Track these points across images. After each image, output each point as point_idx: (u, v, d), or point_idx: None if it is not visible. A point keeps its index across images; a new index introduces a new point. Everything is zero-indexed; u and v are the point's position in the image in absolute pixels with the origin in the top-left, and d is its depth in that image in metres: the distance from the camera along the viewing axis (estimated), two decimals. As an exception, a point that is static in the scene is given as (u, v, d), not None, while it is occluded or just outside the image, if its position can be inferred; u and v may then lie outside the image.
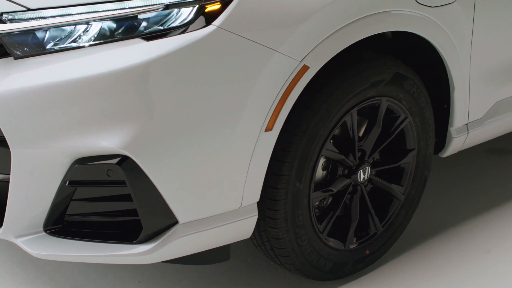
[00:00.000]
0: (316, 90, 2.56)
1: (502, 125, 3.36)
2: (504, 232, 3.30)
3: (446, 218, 3.45)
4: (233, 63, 2.30)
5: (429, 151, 3.05)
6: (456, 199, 3.65)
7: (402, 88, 2.82)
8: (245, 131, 2.38)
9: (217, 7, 2.29)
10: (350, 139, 2.76)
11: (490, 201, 3.60)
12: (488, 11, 2.98)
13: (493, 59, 3.12)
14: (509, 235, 3.28)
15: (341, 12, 2.49)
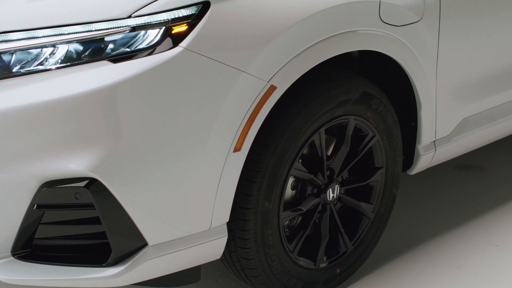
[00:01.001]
0: (284, 110, 2.57)
1: (469, 142, 3.39)
2: (472, 247, 3.32)
3: (415, 234, 3.46)
4: (200, 84, 2.31)
5: (397, 168, 3.07)
6: (425, 215, 3.67)
7: (369, 106, 2.84)
8: (214, 151, 2.38)
9: (184, 28, 2.29)
10: (318, 158, 2.77)
11: (458, 217, 3.62)
12: (453, 29, 3.01)
13: (459, 76, 3.15)
14: (476, 249, 3.31)
15: (307, 32, 2.50)
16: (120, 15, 2.28)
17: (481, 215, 3.64)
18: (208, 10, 2.32)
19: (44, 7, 2.35)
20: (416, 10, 2.83)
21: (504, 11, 3.25)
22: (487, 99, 3.37)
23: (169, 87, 2.27)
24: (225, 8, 2.36)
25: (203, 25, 2.30)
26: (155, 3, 2.29)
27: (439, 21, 2.93)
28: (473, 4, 3.08)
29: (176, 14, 2.29)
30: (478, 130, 3.39)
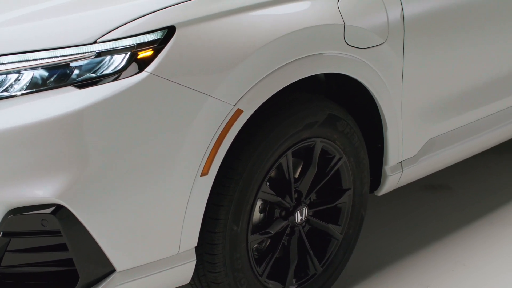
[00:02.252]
0: (251, 133, 2.58)
1: (436, 162, 3.41)
2: (440, 266, 3.34)
3: (384, 255, 3.48)
4: (166, 108, 2.31)
5: (364, 190, 3.08)
6: (393, 235, 3.68)
7: (335, 129, 2.85)
8: (181, 176, 2.38)
9: (150, 53, 2.30)
10: (286, 180, 2.78)
11: (426, 236, 3.64)
12: (417, 50, 3.05)
13: (424, 97, 3.18)
14: (445, 267, 3.32)
15: (273, 56, 2.52)
16: (86, 41, 2.28)
17: (448, 235, 3.66)
18: (173, 35, 2.33)
19: (9, 33, 2.35)
20: (381, 33, 2.86)
21: (468, 31, 3.29)
22: (453, 119, 3.40)
23: (135, 112, 2.26)
24: (190, 33, 2.36)
25: (168, 50, 2.31)
26: (120, 28, 2.30)
27: (403, 43, 2.96)
28: (436, 25, 3.11)
29: (142, 39, 2.30)
30: (445, 150, 3.42)
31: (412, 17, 2.98)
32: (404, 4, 2.95)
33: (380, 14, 2.86)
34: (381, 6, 2.87)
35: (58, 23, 2.37)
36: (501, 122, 3.71)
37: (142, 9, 2.35)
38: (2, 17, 2.42)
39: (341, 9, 2.73)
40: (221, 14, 2.43)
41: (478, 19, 3.33)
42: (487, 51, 3.44)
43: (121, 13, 2.35)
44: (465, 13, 3.25)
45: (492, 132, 3.67)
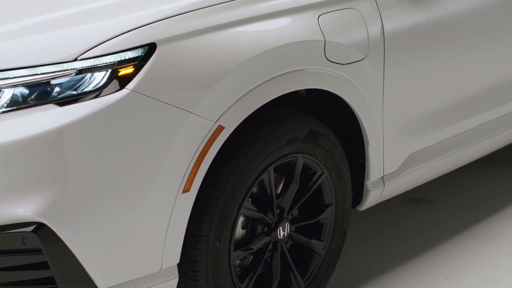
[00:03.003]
0: (233, 149, 2.58)
1: (417, 176, 3.43)
2: (423, 280, 3.35)
3: (366, 270, 3.48)
4: (148, 125, 2.31)
5: (347, 205, 3.09)
6: (375, 250, 3.69)
7: (317, 144, 2.86)
8: (162, 193, 2.37)
9: (131, 70, 2.30)
10: (268, 196, 2.78)
11: (408, 251, 3.65)
12: (397, 66, 3.06)
13: (405, 112, 3.20)
14: (428, 282, 3.33)
15: (254, 72, 2.52)
16: (66, 58, 2.28)
17: (431, 249, 3.67)
18: (154, 52, 2.33)
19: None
20: (361, 48, 2.87)
21: (448, 46, 3.31)
22: (434, 133, 3.42)
23: (116, 130, 2.26)
24: (171, 50, 2.37)
25: (149, 67, 2.31)
26: (101, 45, 2.30)
27: (383, 58, 2.97)
28: (417, 40, 3.13)
29: (123, 57, 2.30)
30: (427, 164, 3.43)
31: (392, 32, 2.99)
32: (384, 20, 2.97)
33: (360, 30, 2.88)
34: (361, 21, 2.89)
35: (39, 40, 2.37)
36: (482, 136, 3.73)
37: (123, 26, 2.36)
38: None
39: (322, 25, 2.75)
40: (202, 31, 2.44)
41: (458, 33, 3.36)
42: (467, 66, 3.47)
43: (102, 30, 2.35)
44: (445, 27, 3.27)
45: (474, 146, 3.69)
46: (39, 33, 2.40)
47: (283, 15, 2.68)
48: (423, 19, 3.15)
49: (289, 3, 2.70)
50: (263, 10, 2.63)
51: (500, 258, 3.57)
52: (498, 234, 3.80)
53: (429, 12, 3.18)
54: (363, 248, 3.71)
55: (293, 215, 2.94)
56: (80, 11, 2.51)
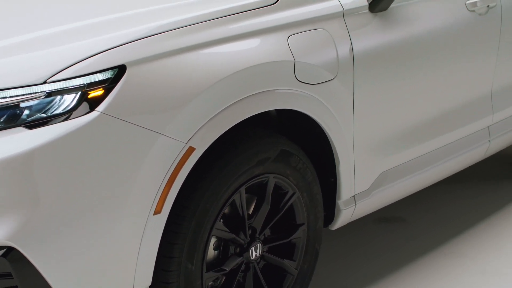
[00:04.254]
0: (203, 170, 2.58)
1: (389, 195, 3.44)
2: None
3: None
4: (118, 147, 2.30)
5: (318, 224, 3.09)
6: (348, 269, 3.69)
7: (288, 164, 2.87)
8: (134, 215, 2.36)
9: (100, 93, 2.29)
10: (240, 217, 2.78)
11: (381, 268, 3.66)
12: (367, 85, 3.08)
13: (376, 131, 3.22)
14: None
15: (224, 93, 2.53)
16: (36, 81, 2.27)
17: (402, 266, 3.68)
18: (124, 74, 2.33)
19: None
20: (331, 68, 2.89)
21: (418, 65, 3.34)
22: (405, 151, 3.44)
23: (87, 152, 2.26)
24: (141, 71, 2.37)
25: (119, 89, 2.31)
26: (70, 68, 2.29)
27: (353, 78, 2.99)
28: (386, 60, 3.16)
29: (92, 79, 2.30)
30: (398, 183, 3.45)
31: (361, 52, 3.02)
32: (353, 40, 2.99)
33: (329, 50, 2.90)
34: (331, 42, 2.91)
35: (8, 63, 2.36)
36: (453, 154, 3.76)
37: (92, 48, 2.35)
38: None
39: (291, 46, 2.76)
40: (172, 53, 2.44)
41: (429, 53, 3.39)
42: (437, 85, 3.50)
43: (71, 52, 2.35)
44: (414, 47, 3.31)
45: (444, 163, 3.72)
46: (8, 56, 2.39)
47: (253, 36, 2.69)
48: (392, 38, 3.18)
49: (258, 24, 2.72)
50: (233, 31, 2.64)
51: (473, 274, 3.59)
52: (470, 251, 3.83)
53: (397, 31, 3.21)
54: (335, 268, 3.71)
55: (265, 235, 2.94)
56: (49, 33, 2.50)
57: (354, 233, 4.06)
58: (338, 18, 2.98)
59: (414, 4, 3.33)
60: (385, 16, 3.16)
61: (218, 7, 2.68)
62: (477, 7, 3.68)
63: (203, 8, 2.65)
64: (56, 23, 2.60)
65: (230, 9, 2.69)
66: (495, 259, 3.74)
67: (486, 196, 4.56)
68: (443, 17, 3.50)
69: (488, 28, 3.79)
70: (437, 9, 3.47)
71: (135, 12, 2.65)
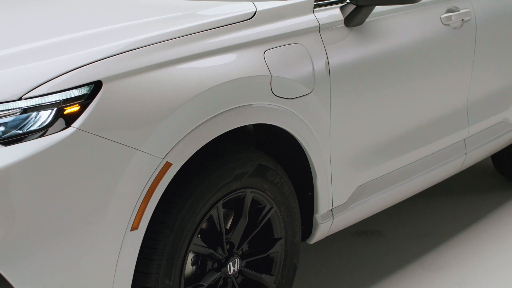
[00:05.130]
0: (181, 186, 2.57)
1: (366, 208, 3.45)
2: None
3: (319, 303, 3.49)
4: (94, 163, 2.30)
5: (296, 238, 3.10)
6: (326, 283, 3.69)
7: (265, 179, 2.87)
8: (111, 231, 2.36)
9: (76, 109, 2.29)
10: (217, 232, 2.77)
11: (359, 282, 3.67)
12: (344, 99, 3.10)
13: (352, 145, 3.23)
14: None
15: (201, 108, 2.53)
16: (11, 97, 2.26)
17: (380, 280, 3.69)
18: (100, 90, 2.33)
19: None
20: (307, 83, 2.90)
21: (394, 79, 3.37)
22: (382, 165, 3.46)
23: (63, 168, 2.25)
24: (117, 87, 2.37)
25: (95, 105, 2.31)
26: (46, 84, 2.29)
27: (329, 92, 3.00)
28: (362, 74, 3.18)
29: (68, 95, 2.29)
30: (375, 196, 3.46)
31: (337, 66, 3.03)
32: (329, 54, 3.00)
33: (306, 64, 2.91)
34: (307, 56, 2.92)
35: (-17, 80, 2.35)
36: (429, 167, 3.78)
37: (68, 64, 2.35)
38: None
39: (267, 61, 2.77)
40: (148, 68, 2.44)
41: (404, 66, 3.42)
42: (413, 98, 3.52)
43: (47, 68, 2.34)
44: (391, 61, 3.33)
45: (422, 176, 3.74)
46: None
47: (230, 51, 2.70)
48: (367, 52, 3.20)
49: (235, 39, 2.73)
50: (209, 47, 2.64)
51: (452, 286, 3.60)
52: (448, 263, 3.84)
53: (373, 45, 3.23)
54: (313, 282, 3.71)
55: (243, 250, 2.93)
56: (25, 49, 2.49)
57: (332, 246, 4.06)
58: (314, 32, 3.00)
59: (389, 18, 3.36)
60: (361, 30, 3.19)
61: (194, 22, 2.68)
62: (451, 20, 3.71)
63: (180, 24, 2.66)
64: (33, 39, 2.59)
65: (206, 24, 2.70)
66: (473, 271, 3.76)
67: (463, 208, 4.58)
68: (418, 31, 3.53)
69: (463, 42, 3.82)
70: (412, 23, 3.50)
71: (111, 27, 2.65)
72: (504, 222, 4.35)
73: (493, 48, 4.09)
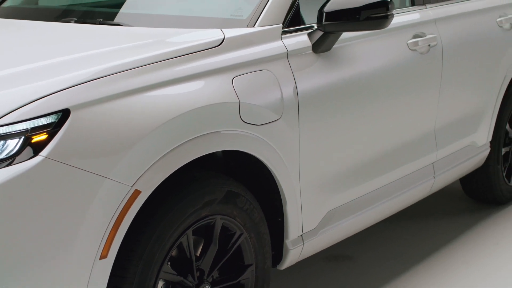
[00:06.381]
0: (150, 213, 2.57)
1: (337, 233, 3.46)
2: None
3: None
4: (63, 192, 2.29)
5: (267, 264, 3.09)
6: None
7: (235, 205, 2.87)
8: (80, 260, 2.34)
9: (44, 137, 2.28)
10: (187, 259, 2.76)
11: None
12: (312, 125, 3.11)
13: (322, 170, 3.24)
14: None
15: (169, 135, 2.53)
16: (-22, 126, 2.25)
17: (352, 305, 3.70)
18: (68, 118, 2.32)
19: None
20: (276, 109, 2.92)
21: (363, 104, 3.39)
22: (351, 190, 3.47)
23: (31, 197, 2.23)
24: (85, 115, 2.36)
25: (63, 133, 2.30)
26: (13, 112, 2.28)
27: (298, 118, 3.02)
28: (331, 100, 3.20)
29: (36, 123, 2.28)
30: (345, 221, 3.47)
31: (305, 92, 3.05)
32: (297, 80, 3.02)
33: (274, 91, 2.93)
34: (275, 82, 2.94)
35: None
36: (399, 191, 3.80)
37: (36, 92, 2.34)
38: None
39: (236, 87, 2.78)
40: (116, 96, 2.44)
41: (372, 92, 3.45)
42: (382, 123, 3.55)
43: (15, 97, 2.33)
44: (359, 86, 3.36)
45: (391, 200, 3.76)
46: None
47: (198, 78, 2.70)
48: (335, 78, 3.22)
49: (203, 66, 2.73)
50: (178, 74, 2.65)
51: (420, 310, 3.62)
52: (418, 286, 3.85)
53: (341, 71, 3.26)
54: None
55: (214, 277, 2.92)
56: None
57: (303, 272, 4.06)
58: (282, 59, 3.02)
59: (356, 44, 3.39)
60: (329, 56, 3.21)
61: (163, 50, 2.69)
62: (418, 46, 3.75)
63: (148, 51, 2.66)
64: (0, 67, 2.58)
65: (175, 51, 2.71)
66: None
67: (433, 231, 4.61)
68: (386, 57, 3.56)
69: (429, 67, 3.87)
70: (380, 48, 3.54)
71: (80, 55, 2.65)
72: (473, 245, 4.37)
73: (459, 72, 4.14)
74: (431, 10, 4.00)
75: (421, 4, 3.97)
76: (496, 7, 4.60)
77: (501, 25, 4.54)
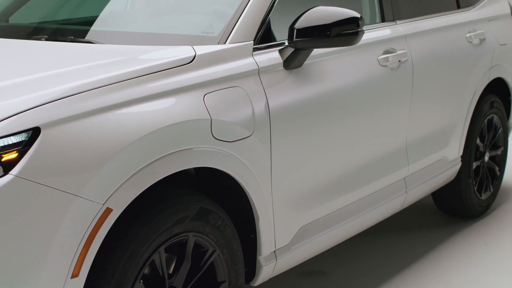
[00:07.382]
0: (121, 231, 2.56)
1: (310, 249, 3.46)
2: None
3: None
4: (33, 210, 2.27)
5: (240, 281, 3.09)
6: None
7: (207, 222, 2.86)
8: (51, 279, 2.33)
9: (14, 155, 2.27)
10: (160, 277, 2.75)
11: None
12: (284, 141, 3.12)
13: (294, 186, 3.25)
14: None
15: (140, 153, 2.53)
16: None
17: (326, 320, 3.70)
18: (38, 136, 2.31)
19: None
20: (247, 126, 2.92)
21: (334, 120, 3.41)
22: (324, 205, 3.48)
23: (1, 216, 2.22)
24: (56, 133, 2.35)
25: (34, 152, 2.29)
26: (-17, 131, 2.26)
27: (270, 134, 3.03)
28: (302, 116, 3.21)
29: (6, 142, 2.27)
30: (318, 237, 3.47)
31: (277, 109, 3.06)
32: (268, 97, 3.03)
33: (245, 107, 2.93)
34: (247, 99, 2.95)
35: None
36: (371, 206, 3.82)
37: (6, 110, 2.33)
38: None
39: (207, 104, 2.78)
40: (87, 114, 2.44)
41: (343, 107, 3.47)
42: (353, 138, 3.57)
43: (-16, 116, 2.32)
44: (330, 102, 3.37)
45: (363, 215, 3.77)
46: None
47: (169, 95, 2.70)
48: (307, 94, 3.23)
49: (175, 83, 2.74)
50: (149, 91, 2.65)
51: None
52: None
53: (312, 87, 3.27)
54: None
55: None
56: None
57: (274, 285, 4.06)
58: (254, 75, 3.03)
59: (327, 60, 3.40)
60: (300, 72, 3.22)
61: (134, 67, 2.69)
62: (389, 62, 3.78)
63: (120, 68, 2.66)
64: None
65: (146, 68, 2.71)
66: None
67: (405, 246, 4.63)
68: (356, 73, 3.59)
69: (400, 82, 3.90)
70: (350, 64, 3.56)
71: (50, 73, 2.64)
72: (446, 259, 4.40)
73: (430, 88, 4.18)
74: (401, 26, 4.04)
75: (391, 20, 4.01)
76: (466, 23, 4.66)
77: (470, 40, 4.59)
